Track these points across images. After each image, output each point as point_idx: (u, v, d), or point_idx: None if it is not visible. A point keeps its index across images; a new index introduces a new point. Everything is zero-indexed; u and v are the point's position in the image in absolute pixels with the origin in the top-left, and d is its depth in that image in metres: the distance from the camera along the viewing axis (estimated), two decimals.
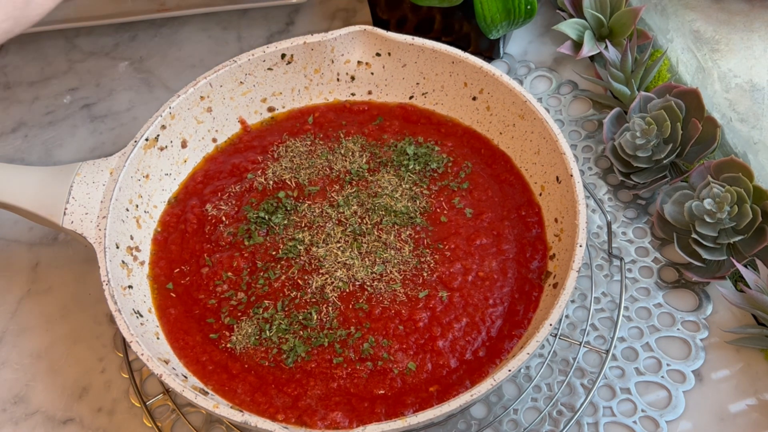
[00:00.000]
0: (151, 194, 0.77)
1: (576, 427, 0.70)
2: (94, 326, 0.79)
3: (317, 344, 0.68)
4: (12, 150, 0.93)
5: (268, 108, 0.84)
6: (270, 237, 0.74)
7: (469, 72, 0.79)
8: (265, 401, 0.66)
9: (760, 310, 0.71)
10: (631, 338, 0.74)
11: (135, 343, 0.65)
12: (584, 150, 0.86)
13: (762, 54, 0.86)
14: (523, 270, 0.72)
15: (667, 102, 0.79)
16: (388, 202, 0.75)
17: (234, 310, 0.71)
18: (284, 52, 0.81)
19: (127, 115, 0.94)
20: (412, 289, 0.70)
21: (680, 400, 0.71)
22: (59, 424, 0.74)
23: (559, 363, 0.73)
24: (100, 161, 0.74)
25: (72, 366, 0.77)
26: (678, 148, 0.78)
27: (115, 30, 1.02)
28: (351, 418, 0.64)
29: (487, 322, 0.69)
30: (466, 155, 0.79)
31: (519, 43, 0.95)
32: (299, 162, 0.79)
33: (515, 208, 0.75)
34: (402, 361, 0.67)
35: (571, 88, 0.90)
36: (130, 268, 0.72)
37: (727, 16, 0.90)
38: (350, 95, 0.84)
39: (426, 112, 0.83)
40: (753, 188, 0.73)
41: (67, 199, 0.72)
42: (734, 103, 0.83)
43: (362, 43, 0.82)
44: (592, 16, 0.89)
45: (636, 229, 0.80)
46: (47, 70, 0.99)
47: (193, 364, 0.69)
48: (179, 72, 0.97)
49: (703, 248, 0.74)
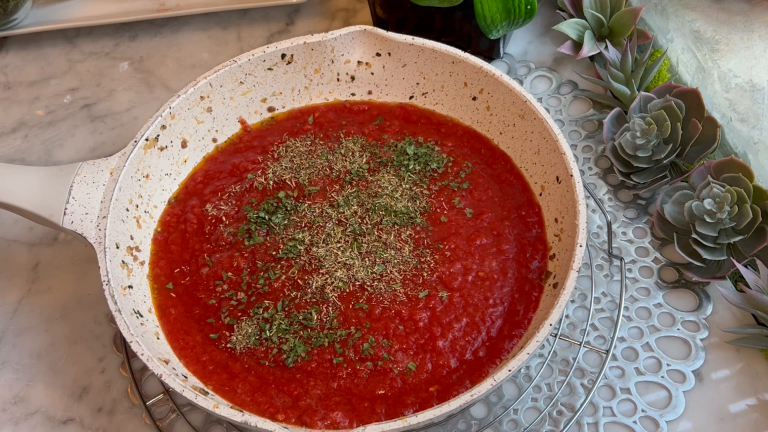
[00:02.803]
0: (151, 194, 0.77)
1: (576, 427, 0.70)
2: (94, 326, 0.79)
3: (317, 344, 0.68)
4: (12, 150, 0.93)
5: (268, 108, 0.84)
6: (270, 237, 0.74)
7: (469, 72, 0.79)
8: (265, 401, 0.66)
9: (760, 310, 0.71)
10: (631, 338, 0.74)
11: (135, 343, 0.65)
12: (584, 150, 0.86)
13: (762, 54, 0.86)
14: (523, 270, 0.72)
15: (667, 102, 0.79)
16: (388, 202, 0.75)
17: (234, 310, 0.71)
18: (284, 52, 0.81)
19: (127, 115, 0.94)
20: (412, 289, 0.70)
21: (680, 400, 0.71)
22: (59, 424, 0.74)
23: (559, 363, 0.73)
24: (100, 161, 0.74)
25: (72, 366, 0.77)
26: (678, 148, 0.78)
27: (115, 30, 1.02)
28: (351, 418, 0.64)
29: (487, 322, 0.69)
30: (466, 155, 0.79)
31: (519, 43, 0.95)
32: (299, 162, 0.79)
33: (515, 208, 0.75)
34: (402, 361, 0.67)
35: (571, 88, 0.90)
36: (130, 268, 0.72)
37: (727, 16, 0.90)
38: (350, 95, 0.84)
39: (426, 112, 0.83)
40: (753, 188, 0.73)
41: (67, 199, 0.72)
42: (734, 103, 0.83)
43: (362, 43, 0.82)
44: (592, 16, 0.89)
45: (636, 229, 0.80)
46: (47, 70, 0.99)
47: (193, 364, 0.69)
48: (179, 72, 0.97)
49: (703, 248, 0.74)
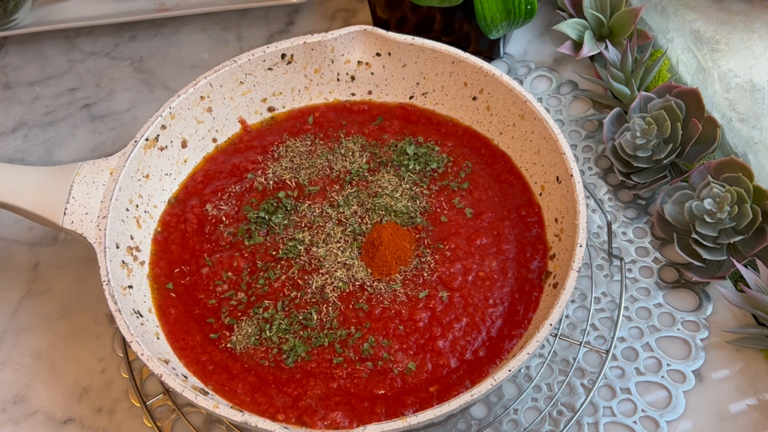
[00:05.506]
0: (151, 194, 0.77)
1: (576, 427, 0.70)
2: (94, 326, 0.79)
3: (317, 344, 0.68)
4: (12, 150, 0.93)
5: (268, 108, 0.84)
6: (270, 237, 0.74)
7: (469, 72, 0.79)
8: (265, 401, 0.66)
9: (760, 310, 0.71)
10: (631, 338, 0.74)
11: (135, 343, 0.65)
12: (584, 150, 0.86)
13: (762, 54, 0.86)
14: (523, 270, 0.72)
15: (667, 102, 0.79)
16: (388, 202, 0.75)
17: (234, 310, 0.71)
18: (284, 52, 0.81)
19: (127, 115, 0.94)
20: (412, 289, 0.70)
21: (680, 400, 0.71)
22: (59, 424, 0.74)
23: (559, 363, 0.73)
24: (100, 161, 0.74)
25: (72, 366, 0.77)
26: (678, 148, 0.78)
27: (115, 30, 1.02)
28: (351, 418, 0.64)
29: (487, 322, 0.69)
30: (466, 155, 0.79)
31: (519, 43, 0.95)
32: (299, 162, 0.79)
33: (515, 208, 0.75)
34: (402, 361, 0.67)
35: (571, 88, 0.90)
36: (130, 268, 0.72)
37: (727, 16, 0.90)
38: (350, 95, 0.84)
39: (426, 112, 0.83)
40: (753, 188, 0.73)
41: (67, 199, 0.72)
42: (734, 103, 0.83)
43: (362, 43, 0.82)
44: (592, 16, 0.89)
45: (636, 229, 0.80)
46: (47, 70, 0.99)
47: (193, 364, 0.69)
48: (179, 72, 0.97)
49: (703, 248, 0.74)
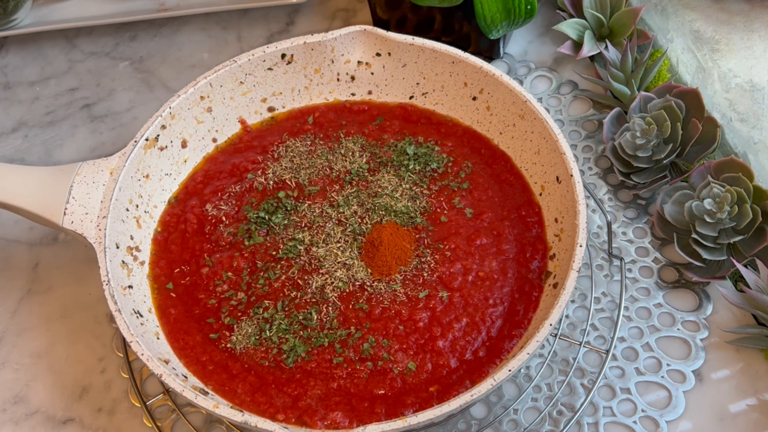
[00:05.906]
0: (151, 194, 0.77)
1: (576, 427, 0.70)
2: (94, 326, 0.79)
3: (317, 344, 0.68)
4: (12, 150, 0.93)
5: (268, 108, 0.84)
6: (270, 237, 0.74)
7: (469, 72, 0.79)
8: (265, 401, 0.66)
9: (760, 310, 0.71)
10: (631, 338, 0.74)
11: (135, 343, 0.65)
12: (584, 150, 0.86)
13: (762, 54, 0.86)
14: (523, 270, 0.72)
15: (667, 102, 0.79)
16: (388, 202, 0.75)
17: (234, 310, 0.71)
18: (284, 52, 0.81)
19: (127, 115, 0.94)
20: (412, 289, 0.70)
21: (680, 400, 0.71)
22: (59, 424, 0.74)
23: (559, 363, 0.73)
24: (100, 161, 0.74)
25: (72, 366, 0.77)
26: (678, 148, 0.78)
27: (115, 30, 1.02)
28: (351, 418, 0.64)
29: (487, 322, 0.69)
30: (466, 155, 0.79)
31: (519, 43, 0.95)
32: (299, 162, 0.79)
33: (515, 208, 0.75)
34: (402, 361, 0.67)
35: (571, 88, 0.90)
36: (130, 268, 0.72)
37: (727, 16, 0.90)
38: (350, 95, 0.84)
39: (426, 112, 0.83)
40: (753, 188, 0.73)
41: (67, 199, 0.72)
42: (734, 103, 0.83)
43: (362, 43, 0.82)
44: (592, 16, 0.89)
45: (636, 229, 0.80)
46: (47, 70, 0.99)
47: (193, 364, 0.69)
48: (179, 72, 0.97)
49: (703, 248, 0.74)
